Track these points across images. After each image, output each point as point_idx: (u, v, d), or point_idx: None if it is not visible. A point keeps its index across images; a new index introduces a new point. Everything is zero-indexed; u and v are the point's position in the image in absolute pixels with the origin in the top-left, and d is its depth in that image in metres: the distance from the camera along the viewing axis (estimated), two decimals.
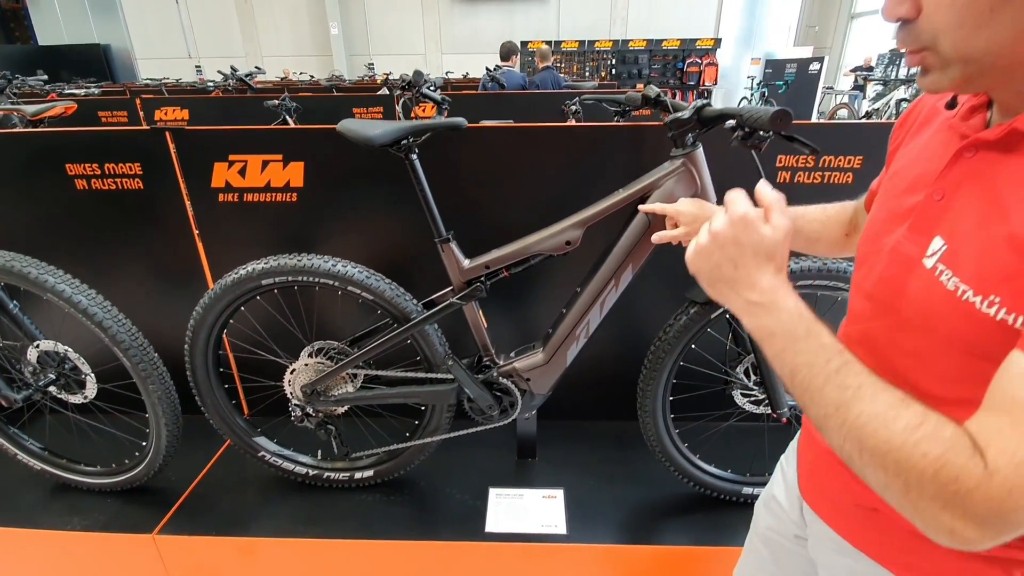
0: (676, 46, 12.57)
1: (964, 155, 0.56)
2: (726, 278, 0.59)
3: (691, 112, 1.14)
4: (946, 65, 0.50)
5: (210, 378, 1.55)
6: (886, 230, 0.63)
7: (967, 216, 0.53)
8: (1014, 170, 0.50)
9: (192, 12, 13.15)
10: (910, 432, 0.46)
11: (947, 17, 0.47)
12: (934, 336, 0.55)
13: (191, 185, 1.66)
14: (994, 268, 0.49)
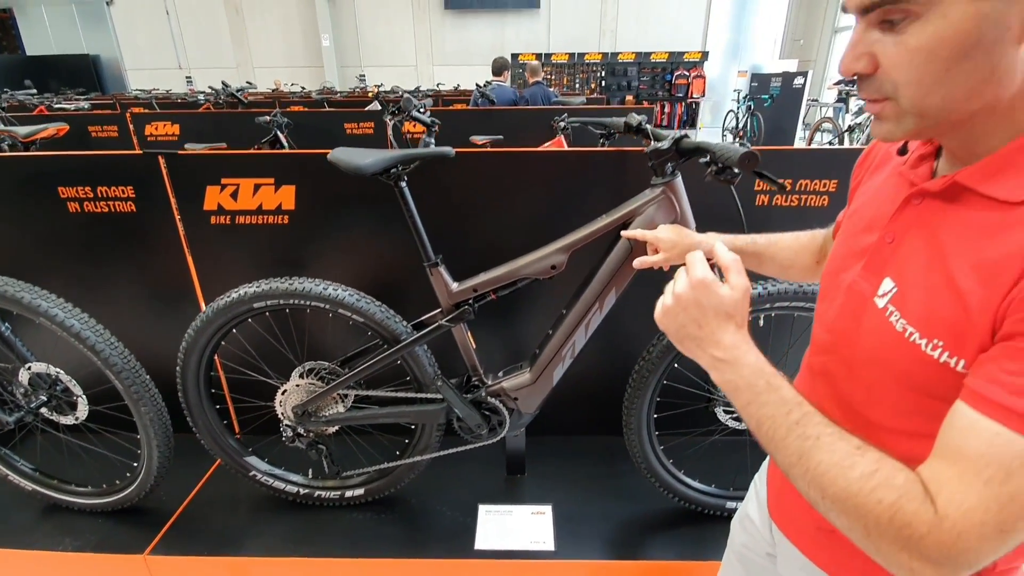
0: (664, 59, 12.76)
1: (912, 202, 0.59)
2: (692, 336, 0.63)
3: (670, 143, 1.19)
4: (902, 116, 0.52)
5: (202, 399, 1.56)
6: (844, 267, 0.67)
7: (914, 261, 0.57)
8: (955, 220, 0.54)
9: (183, 23, 13.17)
10: (865, 480, 0.49)
11: (904, 74, 0.49)
12: (886, 372, 0.59)
13: (183, 208, 1.69)
14: (937, 313, 0.52)
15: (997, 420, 0.45)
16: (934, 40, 0.46)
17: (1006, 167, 0.50)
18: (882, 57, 0.50)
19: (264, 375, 1.64)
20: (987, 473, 0.45)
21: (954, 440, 0.49)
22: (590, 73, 12.96)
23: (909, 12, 0.47)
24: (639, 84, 12.92)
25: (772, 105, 8.45)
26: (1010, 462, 0.44)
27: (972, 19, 0.45)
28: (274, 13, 13.12)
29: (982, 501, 0.45)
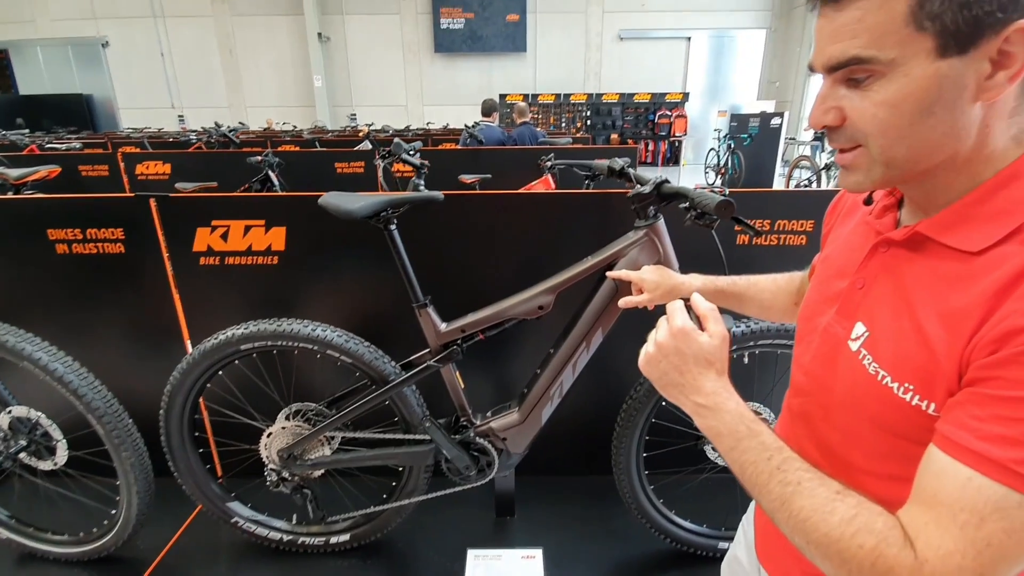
0: (647, 99, 13.22)
1: (879, 250, 0.61)
2: (674, 383, 0.65)
3: (651, 188, 1.23)
4: (872, 165, 0.54)
5: (185, 443, 1.54)
6: (819, 311, 0.69)
7: (883, 306, 0.59)
8: (919, 268, 0.56)
9: (177, 64, 13.43)
10: (846, 525, 0.50)
11: (871, 126, 0.51)
12: (860, 415, 0.61)
13: (173, 249, 1.69)
14: (907, 357, 0.54)
15: (968, 465, 0.46)
16: (898, 96, 0.49)
17: (964, 219, 0.53)
18: (849, 110, 0.52)
19: (249, 417, 1.62)
20: (962, 518, 0.46)
21: (930, 484, 0.50)
22: (576, 113, 13.35)
23: (873, 71, 0.49)
24: (623, 123, 13.33)
25: (751, 144, 8.72)
26: (983, 507, 0.45)
27: (932, 78, 0.47)
28: (267, 55, 13.44)
29: (959, 546, 0.46)
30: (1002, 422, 0.45)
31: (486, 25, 13.07)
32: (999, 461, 0.45)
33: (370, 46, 13.44)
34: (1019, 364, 0.44)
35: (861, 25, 0.48)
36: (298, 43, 13.19)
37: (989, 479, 0.45)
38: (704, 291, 0.97)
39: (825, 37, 0.51)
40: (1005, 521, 0.44)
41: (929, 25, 0.46)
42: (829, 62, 0.52)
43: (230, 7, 13.02)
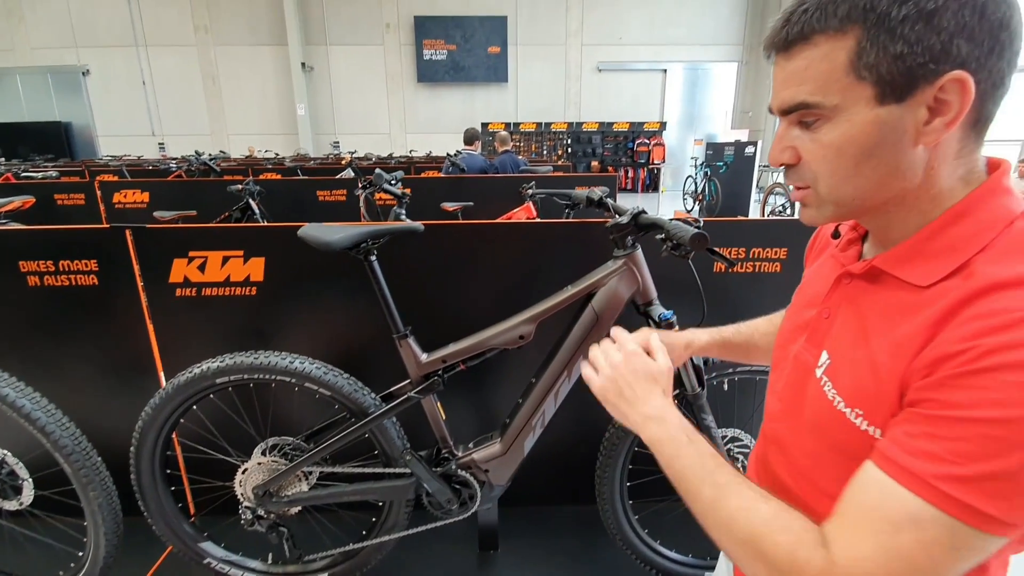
0: (626, 128, 13.55)
1: (843, 281, 0.64)
2: (626, 398, 0.71)
3: (629, 218, 1.25)
4: (822, 203, 0.58)
5: (156, 481, 1.49)
6: (791, 339, 0.71)
7: (844, 335, 0.61)
8: (876, 300, 0.58)
9: (159, 92, 13.43)
10: (766, 523, 0.54)
11: (820, 167, 0.55)
12: (824, 440, 0.62)
13: (148, 280, 1.67)
14: (860, 384, 0.56)
15: (893, 477, 0.48)
16: (843, 139, 0.52)
17: (915, 255, 0.55)
18: (802, 151, 0.56)
19: (224, 453, 1.58)
20: (878, 526, 0.48)
21: (856, 494, 0.52)
22: (556, 141, 13.61)
23: (820, 115, 0.53)
24: (603, 151, 13.62)
25: (727, 171, 8.96)
26: (899, 518, 0.47)
27: (873, 123, 0.51)
28: (251, 83, 13.53)
29: (872, 552, 0.48)
30: (929, 439, 0.47)
31: (468, 56, 13.37)
32: (920, 475, 0.47)
33: (354, 75, 13.62)
34: (949, 387, 0.47)
35: (808, 73, 0.52)
36: (282, 72, 13.31)
37: (909, 491, 0.47)
38: (711, 344, 0.97)
39: (778, 83, 0.56)
40: (919, 533, 0.46)
41: (867, 75, 0.49)
42: (782, 105, 0.56)
43: (214, 37, 13.14)
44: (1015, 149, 8.13)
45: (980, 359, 0.45)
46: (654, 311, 1.36)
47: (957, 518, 0.45)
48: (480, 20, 13.21)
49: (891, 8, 0.47)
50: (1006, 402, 0.43)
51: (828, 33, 0.50)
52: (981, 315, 0.46)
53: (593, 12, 13.39)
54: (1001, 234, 0.50)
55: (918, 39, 0.47)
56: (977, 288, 0.48)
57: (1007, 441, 0.43)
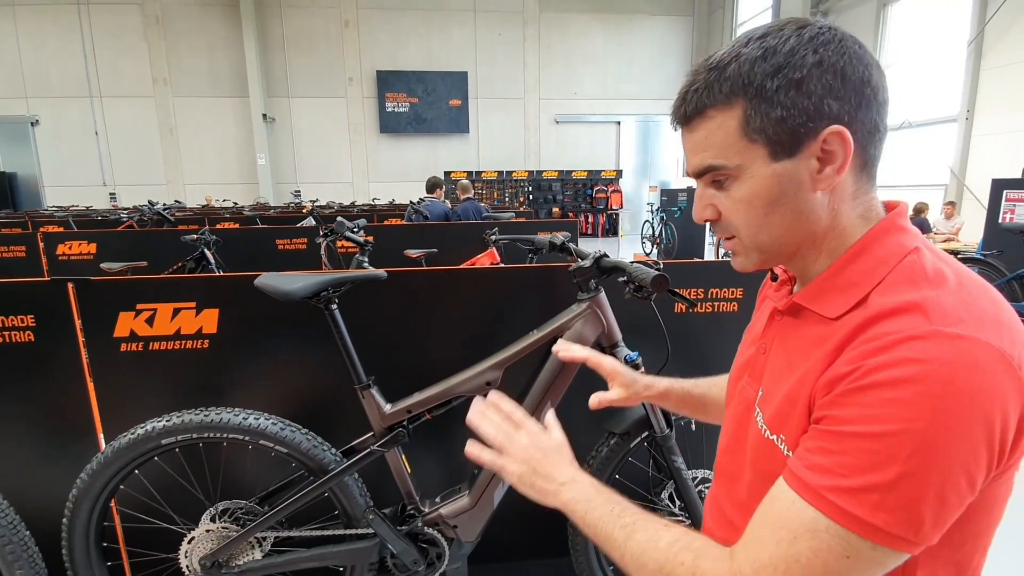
0: (584, 176, 14.05)
1: (774, 318, 0.69)
2: (542, 475, 0.73)
3: (591, 262, 1.28)
4: (747, 251, 0.63)
5: (91, 556, 1.35)
6: (739, 376, 0.74)
7: (775, 368, 0.65)
8: (798, 334, 0.63)
9: (112, 142, 13.17)
10: (669, 547, 0.58)
11: (736, 219, 0.61)
12: (759, 469, 0.63)
13: (90, 335, 1.57)
14: (782, 412, 0.59)
15: (794, 490, 0.52)
16: (749, 194, 0.58)
17: (825, 290, 0.59)
18: (720, 207, 0.62)
19: (168, 521, 1.46)
20: (779, 535, 0.51)
21: (764, 507, 0.55)
22: (518, 188, 13.95)
23: (727, 175, 0.59)
24: (564, 198, 14.03)
25: (682, 216, 9.34)
26: (797, 527, 0.50)
27: (771, 177, 0.57)
28: (210, 133, 13.45)
29: (771, 560, 0.51)
30: (823, 453, 0.50)
31: (430, 109, 13.73)
32: (814, 487, 0.50)
33: (316, 126, 13.74)
34: (839, 404, 0.50)
35: (708, 141, 0.58)
36: (242, 123, 13.31)
37: (806, 503, 0.50)
38: (671, 391, 0.96)
39: (688, 151, 0.62)
40: (814, 541, 0.49)
41: (758, 137, 0.56)
42: (694, 170, 0.62)
43: (173, 88, 13.10)
44: (939, 193, 8.80)
45: (863, 377, 0.48)
46: (620, 353, 1.37)
47: (848, 528, 0.48)
48: (441, 75, 13.67)
49: (764, 81, 0.54)
50: (882, 418, 0.47)
51: (718, 106, 0.57)
52: (868, 339, 0.50)
53: (549, 68, 14.08)
54: (894, 268, 0.55)
55: (792, 104, 0.54)
56: (868, 317, 0.52)
57: (884, 454, 0.46)
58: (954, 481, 0.46)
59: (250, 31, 12.67)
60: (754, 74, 0.54)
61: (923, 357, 0.46)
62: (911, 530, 0.47)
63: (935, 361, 0.46)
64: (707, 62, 0.58)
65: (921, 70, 9.43)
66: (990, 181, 4.07)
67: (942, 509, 0.47)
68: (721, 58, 0.57)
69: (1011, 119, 7.76)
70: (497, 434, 0.78)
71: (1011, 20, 7.67)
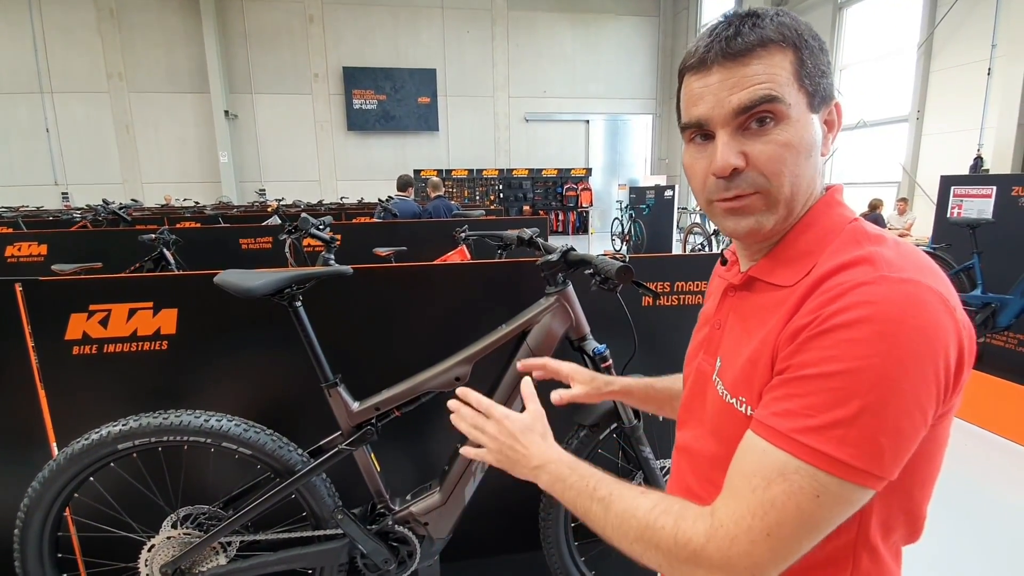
0: (554, 174, 14.12)
1: (728, 294, 0.71)
2: (514, 459, 0.75)
3: (558, 256, 1.28)
4: (772, 206, 0.59)
5: (45, 569, 1.29)
6: (694, 355, 0.76)
7: (732, 339, 0.67)
8: (752, 304, 0.66)
9: (64, 140, 12.58)
10: (649, 513, 0.59)
11: (775, 165, 0.57)
12: (722, 437, 0.65)
13: (40, 339, 1.50)
14: (743, 375, 0.61)
15: (764, 438, 0.54)
16: (795, 137, 0.57)
17: (779, 262, 0.63)
18: (753, 154, 0.58)
19: (127, 529, 1.41)
20: (753, 483, 0.53)
21: (736, 462, 0.57)
22: (488, 187, 13.92)
23: (777, 113, 0.57)
24: (534, 196, 14.07)
25: (650, 213, 9.48)
26: (770, 472, 0.52)
27: (810, 126, 0.58)
28: (169, 131, 12.99)
29: (749, 508, 0.53)
30: (788, 399, 0.53)
31: (398, 106, 13.57)
32: (783, 431, 0.52)
33: (281, 124, 13.42)
34: (801, 351, 0.53)
35: (766, 75, 0.57)
36: (203, 120, 12.90)
37: (776, 447, 0.52)
38: (634, 386, 0.97)
39: (726, 89, 0.58)
40: (786, 484, 0.51)
41: (806, 83, 0.58)
42: (740, 105, 0.57)
43: (128, 84, 12.59)
44: (892, 190, 9.18)
45: (822, 323, 0.52)
46: (588, 346, 1.38)
47: (816, 466, 0.50)
48: (409, 72, 13.53)
49: (808, 38, 0.59)
50: (841, 357, 0.50)
51: (780, 44, 0.57)
52: (823, 291, 0.54)
53: (518, 67, 14.09)
54: (834, 239, 0.60)
55: (826, 66, 0.59)
56: (821, 275, 0.56)
57: (845, 391, 0.49)
58: (909, 413, 0.49)
59: (210, 25, 12.28)
60: (800, 29, 0.58)
61: (874, 299, 0.50)
62: (874, 462, 0.49)
63: (884, 302, 0.50)
64: (740, 14, 0.60)
65: (875, 71, 9.80)
66: (939, 178, 4.25)
67: (900, 441, 0.50)
68: (756, 13, 0.59)
69: (958, 119, 8.14)
70: (470, 428, 0.80)
71: (958, 24, 8.04)
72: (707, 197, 0.63)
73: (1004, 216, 3.65)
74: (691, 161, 0.64)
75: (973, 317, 3.59)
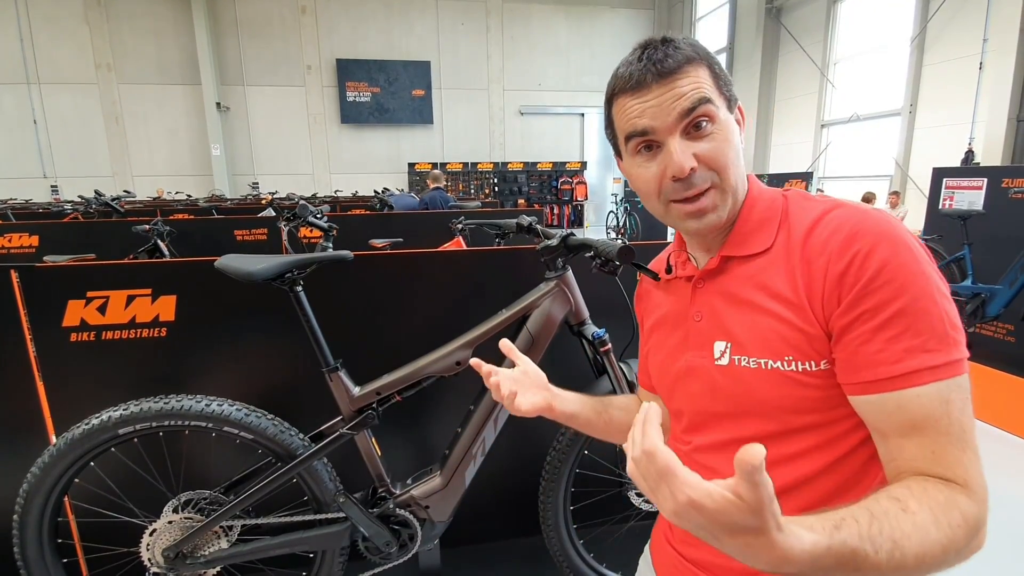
0: (549, 168, 14.10)
1: (698, 286, 0.74)
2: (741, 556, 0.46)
3: (558, 241, 1.29)
4: (725, 197, 0.68)
5: (44, 554, 1.30)
6: (673, 361, 0.77)
7: (728, 320, 0.69)
8: (734, 279, 0.70)
9: (52, 132, 12.40)
10: (941, 527, 0.50)
11: (721, 159, 0.66)
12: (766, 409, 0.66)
13: (36, 326, 1.49)
14: (772, 338, 0.64)
15: (906, 387, 0.57)
16: (728, 134, 0.67)
17: (745, 235, 0.71)
18: (701, 154, 0.66)
19: (128, 514, 1.41)
20: (941, 425, 0.56)
21: (901, 423, 0.58)
22: (483, 180, 13.89)
23: (713, 114, 0.66)
24: (529, 189, 14.05)
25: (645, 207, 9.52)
26: (938, 409, 0.56)
27: (733, 124, 0.68)
28: (160, 123, 12.84)
29: (957, 445, 0.56)
30: (897, 339, 0.57)
31: (392, 99, 13.48)
32: (918, 368, 0.56)
33: (273, 116, 13.30)
34: (869, 294, 0.58)
35: (698, 83, 0.66)
36: (194, 112, 12.76)
37: (923, 386, 0.56)
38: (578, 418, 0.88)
39: (668, 101, 0.65)
40: (955, 407, 0.56)
41: (724, 90, 0.68)
42: (684, 109, 0.65)
43: (117, 75, 12.43)
44: (885, 184, 9.24)
45: (865, 264, 0.58)
46: (587, 330, 1.39)
47: (955, 375, 0.56)
48: (403, 64, 13.44)
49: (712, 55, 0.69)
50: (907, 281, 0.57)
51: (698, 61, 0.67)
52: (828, 237, 0.62)
53: (513, 59, 14.03)
54: (785, 203, 0.70)
55: (727, 77, 0.69)
56: (807, 227, 0.65)
57: (926, 302, 0.56)
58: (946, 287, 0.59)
59: (200, 15, 12.13)
60: (704, 51, 0.68)
61: (884, 228, 0.60)
62: (965, 342, 0.58)
63: (888, 226, 0.60)
64: (655, 41, 0.68)
65: (868, 65, 9.84)
66: (931, 170, 4.29)
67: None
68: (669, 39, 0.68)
69: (950, 112, 8.19)
70: None
71: (950, 18, 8.08)
72: (665, 199, 0.69)
73: (994, 208, 3.69)
74: (639, 170, 0.70)
75: (963, 307, 3.64)
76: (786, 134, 11.68)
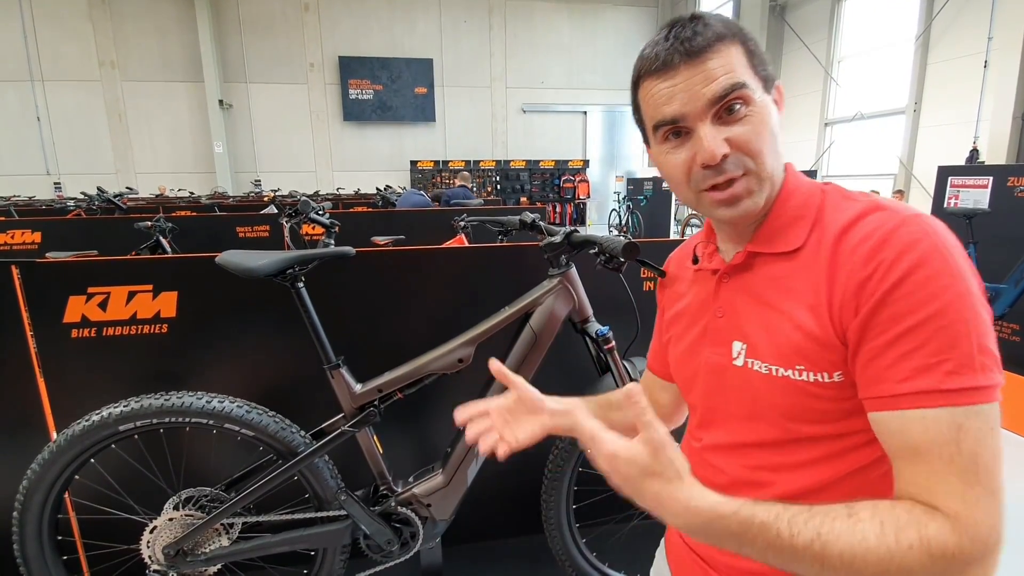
0: (552, 166, 14.07)
1: (723, 281, 0.71)
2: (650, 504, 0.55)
3: (562, 237, 1.28)
4: (761, 183, 0.63)
5: (44, 551, 1.29)
6: (692, 356, 0.75)
7: (748, 319, 0.67)
8: (760, 279, 0.67)
9: (56, 129, 12.41)
10: (884, 539, 0.49)
11: (757, 144, 0.61)
12: (775, 415, 0.64)
13: (37, 322, 1.49)
14: (786, 345, 0.62)
15: (915, 407, 0.52)
16: (766, 116, 0.62)
17: (774, 232, 0.66)
18: (733, 139, 0.61)
19: (129, 511, 1.40)
20: (944, 454, 0.50)
21: (902, 446, 0.53)
22: (486, 177, 13.87)
23: (748, 97, 0.61)
24: (531, 187, 14.03)
25: (647, 205, 9.48)
26: (947, 435, 0.50)
27: (770, 106, 0.63)
28: (162, 120, 12.83)
29: (960, 476, 0.50)
30: (910, 356, 0.52)
31: (395, 97, 13.45)
32: (931, 389, 0.51)
33: (276, 113, 13.28)
34: (888, 304, 0.53)
35: (729, 66, 0.61)
36: (197, 109, 12.75)
37: (934, 408, 0.51)
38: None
39: (696, 84, 0.61)
40: (969, 435, 0.50)
41: (759, 69, 0.63)
42: (714, 95, 0.60)
43: (121, 72, 12.42)
44: (889, 182, 9.20)
45: (889, 272, 0.53)
46: (591, 328, 1.38)
47: (977, 403, 0.50)
48: (406, 62, 13.40)
49: (747, 31, 0.64)
50: (932, 295, 0.52)
51: (728, 40, 0.61)
52: (859, 242, 0.57)
53: (515, 57, 13.98)
54: (822, 199, 0.64)
55: (763, 55, 0.64)
56: (840, 228, 0.59)
57: (954, 320, 0.51)
58: (983, 305, 0.53)
59: (203, 13, 12.11)
60: (737, 27, 0.63)
61: (919, 236, 0.54)
62: (999, 370, 0.52)
63: (927, 233, 0.54)
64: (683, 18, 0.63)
65: (872, 63, 9.79)
66: (936, 168, 4.26)
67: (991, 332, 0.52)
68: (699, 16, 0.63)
69: (955, 111, 8.14)
70: None
71: (955, 16, 8.03)
72: (695, 188, 0.65)
73: (1000, 206, 3.67)
74: (668, 158, 0.65)
75: None
76: (790, 132, 11.64)
